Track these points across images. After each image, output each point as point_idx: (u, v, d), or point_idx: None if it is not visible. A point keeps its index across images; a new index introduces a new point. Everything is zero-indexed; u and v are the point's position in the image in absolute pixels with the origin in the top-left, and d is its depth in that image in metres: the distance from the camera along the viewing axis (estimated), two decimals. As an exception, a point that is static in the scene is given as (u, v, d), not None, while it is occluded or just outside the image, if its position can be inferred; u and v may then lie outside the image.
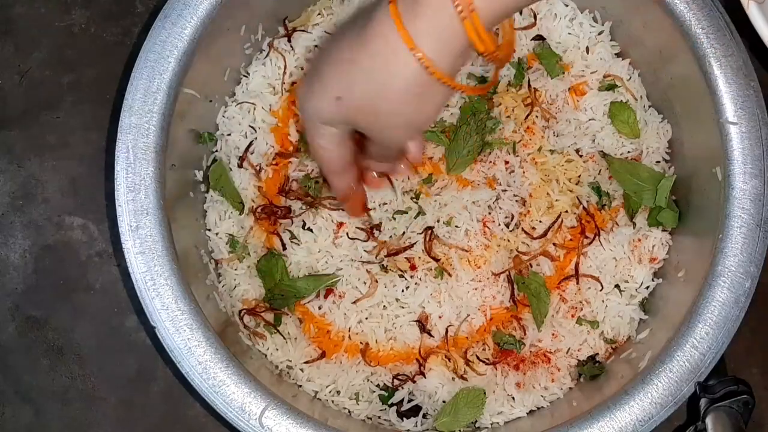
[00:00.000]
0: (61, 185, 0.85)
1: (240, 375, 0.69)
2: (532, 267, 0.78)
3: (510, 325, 0.77)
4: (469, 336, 0.77)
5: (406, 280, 0.77)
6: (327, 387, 0.76)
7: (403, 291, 0.77)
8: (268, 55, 0.82)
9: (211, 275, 0.78)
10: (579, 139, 0.80)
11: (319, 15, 0.83)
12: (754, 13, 0.73)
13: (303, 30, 0.82)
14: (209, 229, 0.80)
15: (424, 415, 0.75)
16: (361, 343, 0.77)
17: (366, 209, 0.77)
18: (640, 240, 0.79)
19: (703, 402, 0.71)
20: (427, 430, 0.75)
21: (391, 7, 0.52)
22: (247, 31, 0.80)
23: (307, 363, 0.77)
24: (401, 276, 0.77)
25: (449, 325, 0.77)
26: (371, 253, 0.78)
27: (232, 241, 0.79)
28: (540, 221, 0.79)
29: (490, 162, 0.79)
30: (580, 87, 0.82)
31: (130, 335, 0.82)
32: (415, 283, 0.77)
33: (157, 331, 0.69)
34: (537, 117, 0.80)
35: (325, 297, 0.78)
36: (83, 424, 0.81)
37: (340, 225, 0.78)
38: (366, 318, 0.77)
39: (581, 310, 0.78)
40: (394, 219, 0.78)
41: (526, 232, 0.78)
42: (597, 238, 0.78)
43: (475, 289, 0.77)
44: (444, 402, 0.75)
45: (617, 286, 0.78)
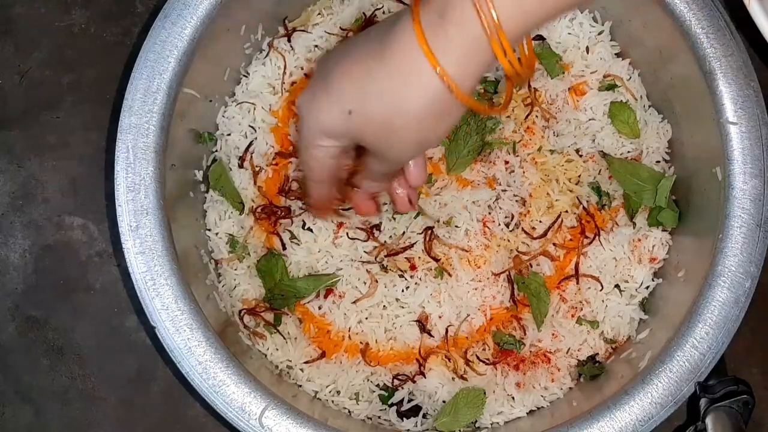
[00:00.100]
0: (61, 185, 0.85)
1: (240, 375, 0.69)
2: (532, 267, 0.78)
3: (510, 325, 0.77)
4: (469, 336, 0.77)
5: (406, 280, 0.77)
6: (327, 387, 0.76)
7: (403, 291, 0.77)
8: (268, 55, 0.82)
9: (211, 275, 0.78)
10: (579, 139, 0.80)
11: (319, 15, 0.83)
12: (755, 9, 0.73)
13: (303, 30, 0.82)
14: (209, 229, 0.80)
15: (424, 415, 0.75)
16: (361, 343, 0.77)
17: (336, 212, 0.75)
18: (640, 240, 0.79)
19: (703, 402, 0.71)
20: (427, 430, 0.75)
21: (414, 24, 0.50)
22: (247, 31, 0.80)
23: (307, 363, 0.77)
24: (401, 276, 0.77)
25: (449, 325, 0.77)
26: (371, 253, 0.78)
27: (232, 241, 0.79)
28: (540, 221, 0.79)
29: (490, 162, 0.79)
30: (580, 87, 0.82)
31: (130, 335, 0.82)
32: (415, 283, 0.77)
33: (157, 331, 0.69)
34: (537, 117, 0.80)
35: (325, 297, 0.78)
36: (83, 424, 0.81)
37: (340, 225, 0.78)
38: (366, 318, 0.77)
39: (581, 310, 0.78)
40: (394, 219, 0.78)
41: (526, 232, 0.78)
42: (597, 238, 0.78)
43: (475, 289, 0.77)
44: (444, 402, 0.75)
45: (617, 286, 0.78)
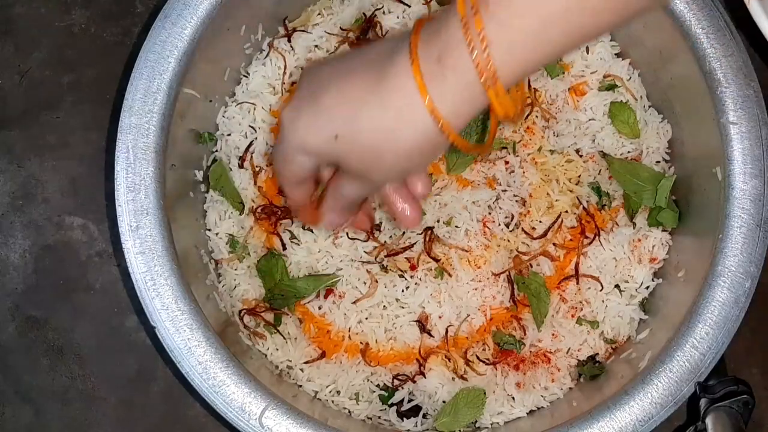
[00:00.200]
0: (61, 185, 0.85)
1: (240, 375, 0.68)
2: (532, 267, 0.78)
3: (510, 325, 0.77)
4: (469, 336, 0.77)
5: (406, 280, 0.77)
6: (327, 387, 0.76)
7: (403, 291, 0.77)
8: (268, 55, 0.82)
9: (211, 275, 0.78)
10: (579, 139, 0.80)
11: (319, 15, 0.83)
12: (755, 9, 0.73)
13: (303, 30, 0.82)
14: (209, 229, 0.80)
15: (424, 415, 0.75)
16: (361, 343, 0.77)
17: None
18: (640, 240, 0.79)
19: (703, 402, 0.71)
20: (427, 430, 0.75)
21: (414, 69, 0.51)
22: (247, 31, 0.80)
23: (307, 363, 0.77)
24: (401, 276, 0.77)
25: (449, 325, 0.77)
26: (371, 253, 0.78)
27: (232, 241, 0.79)
28: (540, 221, 0.79)
29: (490, 162, 0.79)
30: (580, 87, 0.82)
31: (130, 335, 0.82)
32: (415, 283, 0.77)
33: (157, 331, 0.69)
34: (537, 117, 0.80)
35: (325, 297, 0.78)
36: (83, 424, 0.81)
37: (340, 225, 0.78)
38: (366, 318, 0.77)
39: (581, 310, 0.78)
40: (394, 219, 0.78)
41: (526, 232, 0.78)
42: (597, 238, 0.78)
43: (475, 289, 0.77)
44: (444, 402, 0.75)
45: (617, 286, 0.78)
